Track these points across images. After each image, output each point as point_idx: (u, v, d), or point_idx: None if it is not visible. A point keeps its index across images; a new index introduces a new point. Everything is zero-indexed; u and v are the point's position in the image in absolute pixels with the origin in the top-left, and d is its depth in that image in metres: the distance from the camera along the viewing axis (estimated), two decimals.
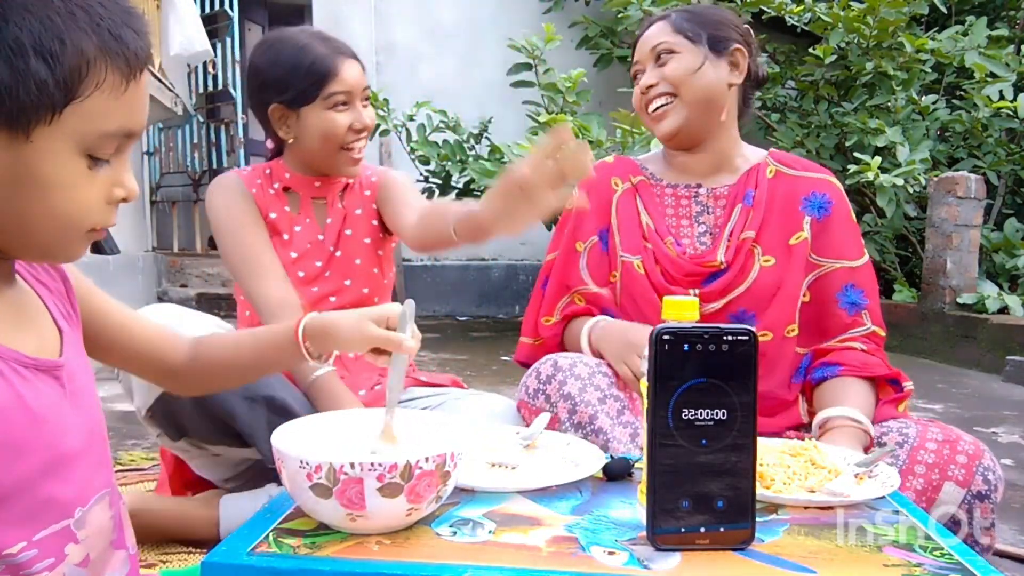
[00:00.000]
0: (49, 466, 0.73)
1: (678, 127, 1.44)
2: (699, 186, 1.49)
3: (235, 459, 1.48)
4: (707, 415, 0.76)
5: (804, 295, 1.42)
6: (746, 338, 0.76)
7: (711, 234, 1.45)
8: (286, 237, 1.59)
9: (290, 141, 1.56)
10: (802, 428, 1.38)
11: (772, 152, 1.53)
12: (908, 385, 1.36)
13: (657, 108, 1.46)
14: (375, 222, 1.64)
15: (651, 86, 1.46)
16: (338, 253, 1.61)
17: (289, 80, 1.49)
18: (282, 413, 1.31)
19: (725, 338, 0.76)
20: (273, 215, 1.60)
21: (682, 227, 1.46)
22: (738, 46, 1.45)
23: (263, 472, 1.45)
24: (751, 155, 1.52)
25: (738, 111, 1.49)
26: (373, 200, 1.65)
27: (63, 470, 0.75)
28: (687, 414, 0.76)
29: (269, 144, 1.66)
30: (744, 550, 0.77)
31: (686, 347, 0.76)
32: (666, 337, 0.76)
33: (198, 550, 1.38)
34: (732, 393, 0.76)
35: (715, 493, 0.76)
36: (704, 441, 0.76)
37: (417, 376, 1.65)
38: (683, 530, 0.76)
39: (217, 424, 1.37)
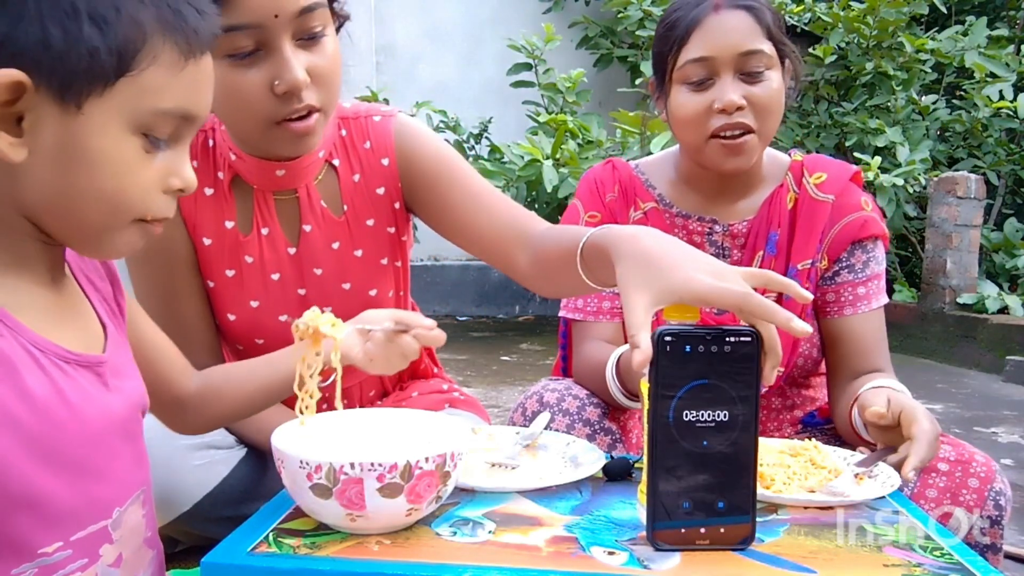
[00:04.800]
0: (89, 465, 0.72)
1: (751, 165, 1.23)
2: (714, 222, 1.29)
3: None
4: (709, 416, 0.75)
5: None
6: (748, 339, 0.76)
7: None
8: (230, 274, 1.14)
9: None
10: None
11: (793, 164, 1.32)
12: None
13: (736, 137, 1.19)
14: (397, 205, 1.20)
15: (739, 108, 1.17)
16: (318, 272, 1.18)
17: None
18: None
19: (727, 339, 0.75)
20: (207, 241, 1.13)
21: None
22: (790, 57, 1.25)
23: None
24: (772, 168, 1.32)
25: None
26: (396, 177, 1.18)
27: (103, 469, 0.74)
28: (688, 415, 0.75)
29: None
30: (744, 550, 0.77)
31: (687, 348, 0.75)
32: (667, 338, 0.75)
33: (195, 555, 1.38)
34: (734, 394, 0.76)
35: (716, 494, 0.76)
36: (705, 442, 0.76)
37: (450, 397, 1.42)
38: (683, 530, 0.76)
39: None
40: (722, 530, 0.76)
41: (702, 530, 0.76)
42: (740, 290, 0.77)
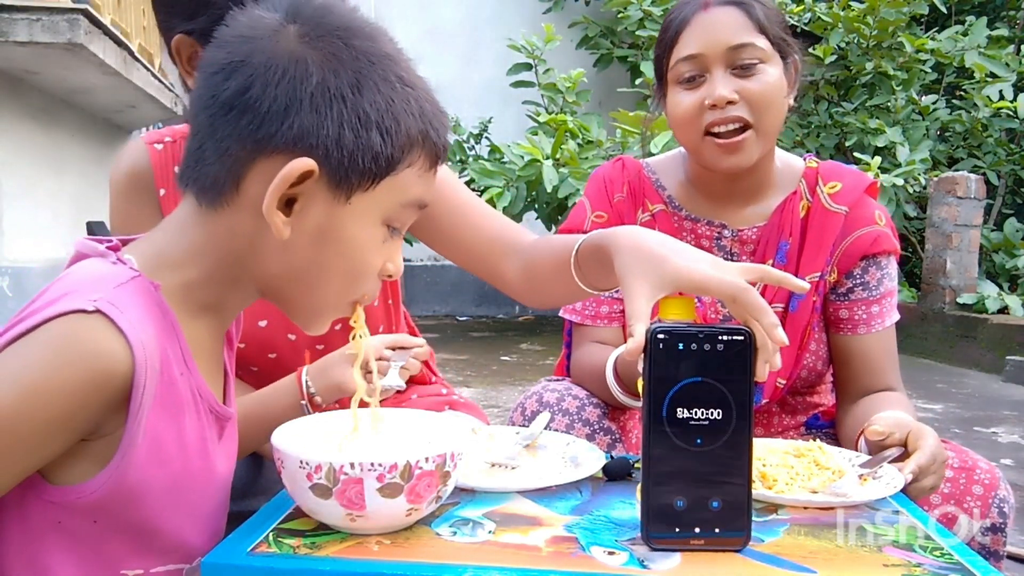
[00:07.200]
0: (196, 512, 0.78)
1: (752, 164, 1.19)
2: (723, 227, 1.27)
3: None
4: (702, 414, 0.75)
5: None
6: (741, 338, 0.76)
7: None
8: None
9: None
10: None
11: (807, 170, 1.29)
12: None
13: (732, 134, 1.17)
14: None
15: (730, 102, 1.16)
16: None
17: None
18: None
19: (720, 338, 0.75)
20: None
21: None
22: (794, 55, 1.22)
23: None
24: (785, 174, 1.29)
25: None
26: None
27: (202, 518, 0.80)
28: (682, 413, 0.76)
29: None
30: (740, 551, 0.76)
31: (680, 346, 0.76)
32: (660, 335, 0.76)
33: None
34: (728, 393, 0.76)
35: (710, 494, 0.76)
36: (699, 440, 0.76)
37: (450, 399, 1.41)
38: (677, 529, 0.76)
39: None
40: (717, 530, 0.76)
41: (696, 529, 0.76)
42: (738, 282, 0.79)
